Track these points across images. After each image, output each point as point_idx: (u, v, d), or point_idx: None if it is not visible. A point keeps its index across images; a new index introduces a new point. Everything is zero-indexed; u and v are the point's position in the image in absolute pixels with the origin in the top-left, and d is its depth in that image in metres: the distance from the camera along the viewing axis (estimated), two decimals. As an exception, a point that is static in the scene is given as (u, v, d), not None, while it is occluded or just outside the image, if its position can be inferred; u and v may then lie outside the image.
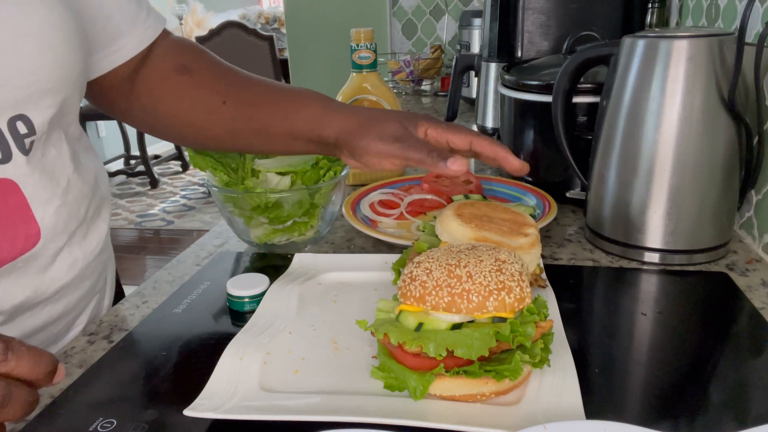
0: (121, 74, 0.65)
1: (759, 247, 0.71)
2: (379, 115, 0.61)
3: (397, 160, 0.58)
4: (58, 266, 0.57)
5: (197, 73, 0.67)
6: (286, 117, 0.64)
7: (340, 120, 0.61)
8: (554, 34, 1.12)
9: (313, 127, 0.62)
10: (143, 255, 3.41)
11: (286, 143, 0.65)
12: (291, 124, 0.64)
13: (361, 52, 0.93)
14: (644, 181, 0.67)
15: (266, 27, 5.09)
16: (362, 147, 0.59)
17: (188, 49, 0.69)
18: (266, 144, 0.67)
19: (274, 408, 0.45)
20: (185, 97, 0.66)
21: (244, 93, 0.66)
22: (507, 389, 0.45)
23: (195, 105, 0.66)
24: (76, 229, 0.59)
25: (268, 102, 0.65)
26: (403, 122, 0.59)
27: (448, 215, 0.58)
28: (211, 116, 0.66)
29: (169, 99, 0.67)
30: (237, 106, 0.65)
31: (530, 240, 0.56)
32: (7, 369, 0.36)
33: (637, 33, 0.68)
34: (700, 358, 0.52)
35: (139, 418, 0.45)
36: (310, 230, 0.76)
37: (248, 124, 0.65)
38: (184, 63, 0.67)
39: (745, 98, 0.64)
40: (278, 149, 0.68)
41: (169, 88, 0.67)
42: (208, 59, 0.69)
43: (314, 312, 0.60)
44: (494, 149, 0.59)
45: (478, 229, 0.55)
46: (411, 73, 1.98)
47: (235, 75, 0.68)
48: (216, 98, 0.66)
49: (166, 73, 0.67)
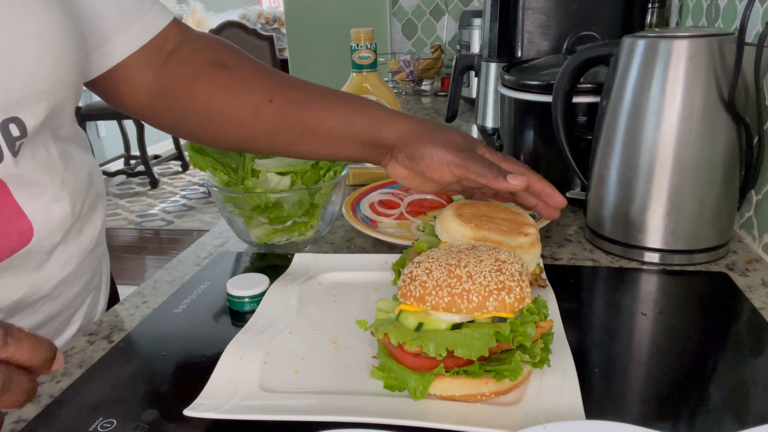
0: (134, 69, 0.62)
1: (759, 247, 0.71)
2: (442, 126, 0.62)
3: (458, 170, 0.58)
4: (54, 263, 0.57)
5: (236, 70, 0.64)
6: (341, 118, 0.62)
7: (403, 123, 0.61)
8: (554, 34, 1.12)
9: (373, 127, 0.61)
10: (143, 255, 3.41)
11: (335, 145, 0.64)
12: (347, 124, 0.62)
13: (361, 52, 0.93)
14: (644, 181, 0.67)
15: (266, 27, 5.10)
16: (424, 151, 0.59)
17: (222, 45, 0.67)
18: (310, 146, 0.65)
19: (274, 408, 0.45)
20: (224, 93, 0.63)
21: (293, 91, 0.64)
22: (507, 389, 0.45)
23: (237, 101, 0.63)
24: (71, 226, 0.58)
25: (321, 102, 0.63)
26: (465, 137, 0.61)
27: (447, 215, 0.58)
28: (256, 114, 0.63)
29: (204, 95, 0.64)
30: (286, 104, 0.63)
31: (530, 239, 0.56)
32: (6, 355, 0.36)
33: (637, 33, 0.68)
34: (700, 358, 0.52)
35: (139, 418, 0.45)
36: (310, 230, 0.76)
37: (297, 124, 0.63)
38: (219, 59, 0.65)
39: (745, 98, 0.64)
40: (322, 152, 0.66)
41: (205, 84, 0.64)
42: (245, 57, 0.67)
43: (314, 312, 0.60)
44: (543, 185, 0.61)
45: (477, 229, 0.55)
46: (411, 73, 1.98)
47: (280, 74, 0.66)
48: (261, 94, 0.63)
49: (200, 69, 0.64)
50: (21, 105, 0.49)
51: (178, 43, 0.65)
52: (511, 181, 0.55)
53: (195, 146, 0.74)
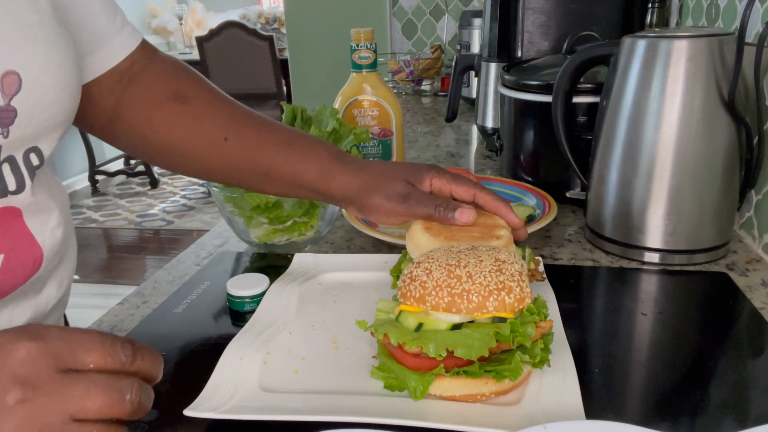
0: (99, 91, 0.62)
1: (759, 247, 0.71)
2: (385, 172, 0.61)
3: (405, 218, 0.59)
4: (51, 285, 0.58)
5: (195, 103, 0.64)
6: (293, 165, 0.63)
7: (347, 177, 0.61)
8: (554, 34, 1.12)
9: (319, 181, 0.62)
10: (143, 255, 3.41)
11: (289, 190, 0.65)
12: (297, 173, 0.63)
13: (361, 52, 0.93)
14: (644, 181, 0.67)
15: (266, 27, 5.09)
16: (371, 206, 0.60)
17: (184, 74, 0.66)
18: (267, 186, 0.66)
19: (274, 408, 0.45)
20: (180, 127, 0.64)
21: (248, 132, 0.64)
22: (507, 389, 0.45)
23: (193, 137, 0.64)
24: (65, 250, 0.58)
25: (274, 146, 0.63)
26: (409, 179, 0.60)
27: (416, 230, 0.57)
28: (210, 151, 0.64)
29: (161, 126, 0.64)
30: (240, 146, 0.63)
31: (503, 242, 0.55)
32: (135, 368, 0.38)
33: (637, 33, 0.68)
34: (700, 358, 0.52)
35: (140, 418, 0.45)
36: (310, 230, 0.76)
37: (250, 166, 0.64)
38: (180, 90, 0.64)
39: (745, 98, 0.64)
40: (279, 193, 0.67)
41: (163, 115, 0.64)
42: (206, 88, 0.66)
43: (314, 312, 0.60)
44: (497, 205, 0.60)
45: (447, 241, 0.54)
46: (411, 73, 1.98)
47: (237, 109, 0.66)
48: (217, 133, 0.63)
49: (160, 99, 0.64)
50: (42, 135, 0.50)
51: (142, 68, 0.64)
52: (459, 218, 0.56)
53: (195, 146, 0.74)
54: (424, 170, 0.61)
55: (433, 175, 0.61)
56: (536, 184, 0.88)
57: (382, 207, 0.59)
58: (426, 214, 0.57)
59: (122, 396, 0.36)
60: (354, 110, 0.96)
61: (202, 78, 0.67)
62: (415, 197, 0.58)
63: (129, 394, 0.36)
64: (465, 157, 1.22)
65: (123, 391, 0.36)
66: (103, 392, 0.35)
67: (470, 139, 1.38)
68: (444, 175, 0.61)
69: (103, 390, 0.35)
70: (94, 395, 0.35)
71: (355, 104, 0.95)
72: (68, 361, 0.36)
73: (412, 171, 0.61)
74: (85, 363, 0.36)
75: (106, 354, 0.37)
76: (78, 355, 0.36)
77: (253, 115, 0.66)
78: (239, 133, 0.64)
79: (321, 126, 0.80)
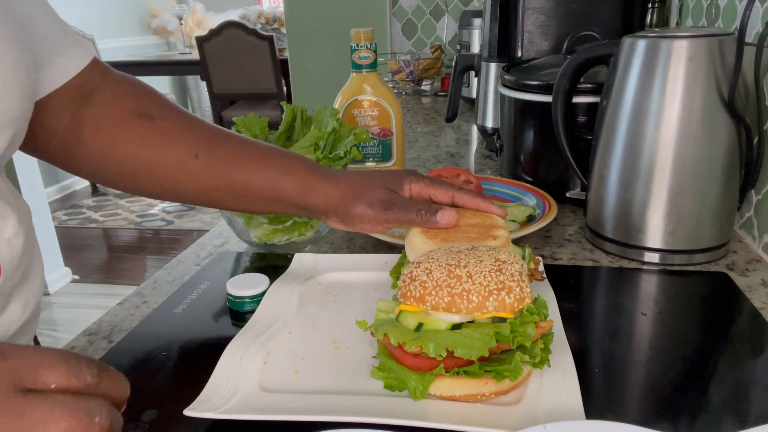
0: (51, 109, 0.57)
1: (759, 247, 0.71)
2: (364, 181, 0.61)
3: (388, 224, 0.59)
4: (14, 306, 0.53)
5: (161, 121, 0.61)
6: (269, 180, 0.60)
7: (327, 188, 0.60)
8: (554, 34, 1.12)
9: (298, 194, 0.60)
10: (143, 255, 3.41)
11: (267, 206, 0.63)
12: (275, 188, 0.60)
13: (361, 52, 0.93)
14: (644, 181, 0.67)
15: (266, 27, 5.09)
16: (353, 215, 0.59)
17: (145, 91, 0.63)
18: (243, 204, 0.63)
19: (274, 408, 0.45)
20: (147, 146, 0.60)
21: (220, 148, 0.61)
22: (507, 389, 0.45)
23: (160, 154, 0.60)
24: (26, 265, 0.54)
25: (248, 161, 0.61)
26: (389, 185, 0.60)
27: (414, 232, 0.57)
28: (180, 169, 0.60)
29: (125, 146, 0.59)
30: (212, 162, 0.60)
31: (500, 242, 0.55)
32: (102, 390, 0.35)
33: (637, 33, 0.68)
34: (700, 358, 0.52)
35: (139, 418, 0.45)
36: (310, 230, 0.76)
37: (224, 183, 0.61)
38: (142, 107, 0.61)
39: (745, 98, 0.64)
40: (257, 210, 0.65)
41: (127, 134, 0.60)
42: (170, 106, 0.63)
43: (314, 312, 0.60)
44: (476, 202, 0.60)
45: (444, 242, 0.54)
46: (411, 73, 1.98)
47: (206, 126, 0.62)
48: (186, 150, 0.60)
49: (122, 117, 0.60)
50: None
51: (97, 85, 0.60)
52: (440, 221, 0.56)
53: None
54: (402, 176, 0.61)
55: (412, 180, 0.61)
56: (536, 184, 0.88)
57: (366, 215, 0.59)
58: (409, 219, 0.57)
59: (90, 418, 0.32)
60: (354, 110, 0.96)
61: (164, 96, 0.64)
62: (398, 203, 0.58)
63: (98, 416, 0.32)
64: (465, 157, 1.22)
65: (91, 413, 0.32)
66: (68, 414, 0.31)
67: (470, 139, 1.38)
68: (422, 180, 0.61)
69: (68, 411, 0.32)
70: (59, 417, 0.31)
71: (355, 104, 0.95)
72: (28, 380, 0.32)
73: (392, 178, 0.61)
74: (47, 382, 0.33)
75: (70, 373, 0.33)
76: (39, 374, 0.32)
77: (223, 131, 0.63)
78: (211, 150, 0.61)
79: (321, 126, 0.80)
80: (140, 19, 5.43)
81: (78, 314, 2.71)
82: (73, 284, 3.10)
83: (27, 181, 2.80)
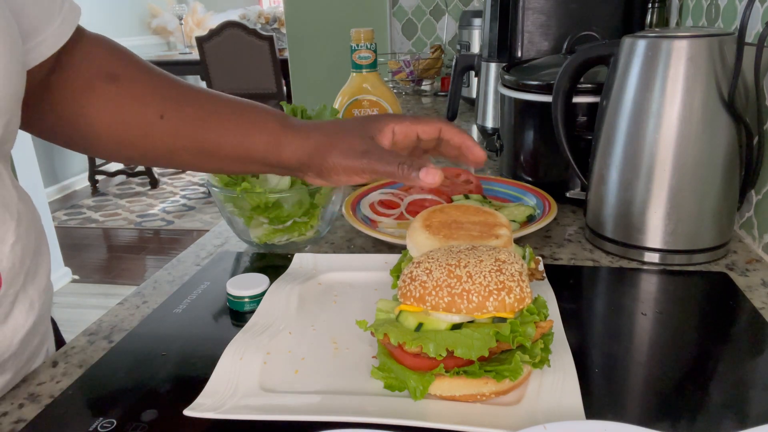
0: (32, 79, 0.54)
1: (759, 247, 0.71)
2: (339, 130, 0.57)
3: (367, 175, 0.54)
4: (18, 312, 0.51)
5: (126, 82, 0.58)
6: (238, 137, 0.57)
7: (298, 142, 0.56)
8: (554, 34, 1.12)
9: (269, 151, 0.57)
10: (143, 255, 3.41)
11: (240, 166, 0.59)
12: (244, 146, 0.57)
13: (361, 52, 0.93)
14: (644, 181, 0.67)
15: (266, 27, 5.09)
16: (328, 167, 0.55)
17: (115, 52, 0.60)
18: (214, 164, 0.60)
19: (274, 408, 0.45)
20: (114, 109, 0.57)
21: (186, 107, 0.58)
22: (507, 389, 0.45)
23: (125, 119, 0.57)
24: (29, 265, 0.52)
25: (216, 119, 0.58)
26: (365, 133, 0.56)
27: (416, 228, 0.57)
28: (145, 132, 0.58)
29: (92, 111, 0.57)
30: (178, 123, 0.57)
31: (502, 241, 0.55)
32: None
33: (637, 33, 0.68)
34: (700, 358, 0.52)
35: (139, 418, 0.45)
36: (310, 230, 0.76)
37: (193, 144, 0.58)
38: (110, 69, 0.58)
39: (745, 98, 0.64)
40: (229, 171, 0.62)
41: (93, 99, 0.57)
42: (139, 65, 0.60)
43: (314, 312, 0.60)
44: (462, 138, 0.58)
45: (446, 239, 0.54)
46: (411, 73, 1.98)
47: (173, 84, 0.59)
48: (151, 112, 0.57)
49: (90, 81, 0.57)
50: None
51: (68, 48, 0.57)
52: (424, 178, 0.51)
53: (195, 146, 0.74)
54: (383, 120, 0.57)
55: (394, 124, 0.57)
56: (536, 184, 0.88)
57: (340, 165, 0.54)
58: (388, 171, 0.52)
59: None
60: (354, 110, 0.96)
61: (135, 56, 0.61)
62: (376, 153, 0.53)
63: None
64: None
65: None
66: None
67: (470, 139, 1.38)
68: (405, 120, 0.57)
69: None
70: None
71: (355, 104, 0.95)
72: None
73: (369, 123, 0.57)
74: None
75: None
76: None
77: (193, 89, 0.60)
78: (177, 110, 0.58)
79: (321, 126, 0.79)
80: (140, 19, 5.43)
81: (78, 314, 2.71)
82: (73, 284, 3.10)
83: (27, 182, 2.80)
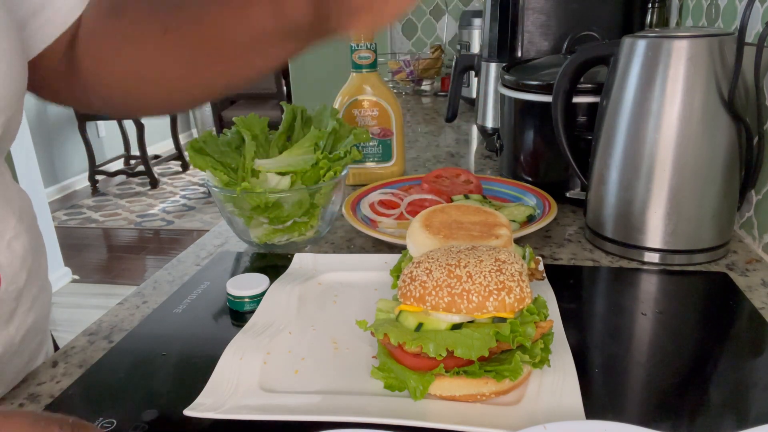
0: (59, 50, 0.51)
1: (759, 247, 0.71)
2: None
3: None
4: (22, 309, 0.51)
5: (131, 11, 0.53)
6: (237, 14, 0.49)
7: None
8: (554, 34, 1.12)
9: (273, 15, 0.47)
10: (143, 255, 3.41)
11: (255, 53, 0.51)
12: (249, 23, 0.48)
13: (361, 52, 0.93)
14: (644, 181, 0.67)
15: (266, 27, 5.09)
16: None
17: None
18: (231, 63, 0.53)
19: (274, 408, 0.45)
20: (123, 43, 0.53)
21: (184, 12, 0.52)
22: (507, 389, 0.45)
23: (135, 47, 0.53)
24: (31, 262, 0.52)
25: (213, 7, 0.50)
26: None
27: (415, 227, 0.57)
28: (155, 54, 0.52)
29: (108, 52, 0.53)
30: (179, 29, 0.51)
31: (502, 241, 0.55)
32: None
33: (637, 33, 0.68)
34: (700, 358, 0.52)
35: (139, 418, 0.45)
36: (310, 230, 0.76)
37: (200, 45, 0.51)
38: (115, 3, 0.54)
39: (745, 98, 0.64)
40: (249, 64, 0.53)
41: (106, 40, 0.53)
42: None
43: (314, 312, 0.60)
44: None
45: (446, 239, 0.54)
46: (411, 73, 1.98)
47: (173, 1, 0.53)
48: (155, 30, 0.52)
49: (101, 22, 0.53)
50: None
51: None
52: None
53: (195, 146, 0.74)
54: None
55: None
56: (536, 184, 0.88)
57: None
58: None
59: None
60: (354, 110, 0.96)
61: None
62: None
63: None
64: (465, 157, 1.22)
65: None
66: None
67: (470, 139, 1.38)
68: None
69: None
70: None
71: (355, 104, 0.95)
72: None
73: None
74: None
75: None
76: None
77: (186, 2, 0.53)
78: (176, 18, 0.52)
79: (321, 126, 0.80)
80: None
81: (78, 314, 2.71)
82: (73, 284, 3.10)
83: (27, 182, 2.80)
